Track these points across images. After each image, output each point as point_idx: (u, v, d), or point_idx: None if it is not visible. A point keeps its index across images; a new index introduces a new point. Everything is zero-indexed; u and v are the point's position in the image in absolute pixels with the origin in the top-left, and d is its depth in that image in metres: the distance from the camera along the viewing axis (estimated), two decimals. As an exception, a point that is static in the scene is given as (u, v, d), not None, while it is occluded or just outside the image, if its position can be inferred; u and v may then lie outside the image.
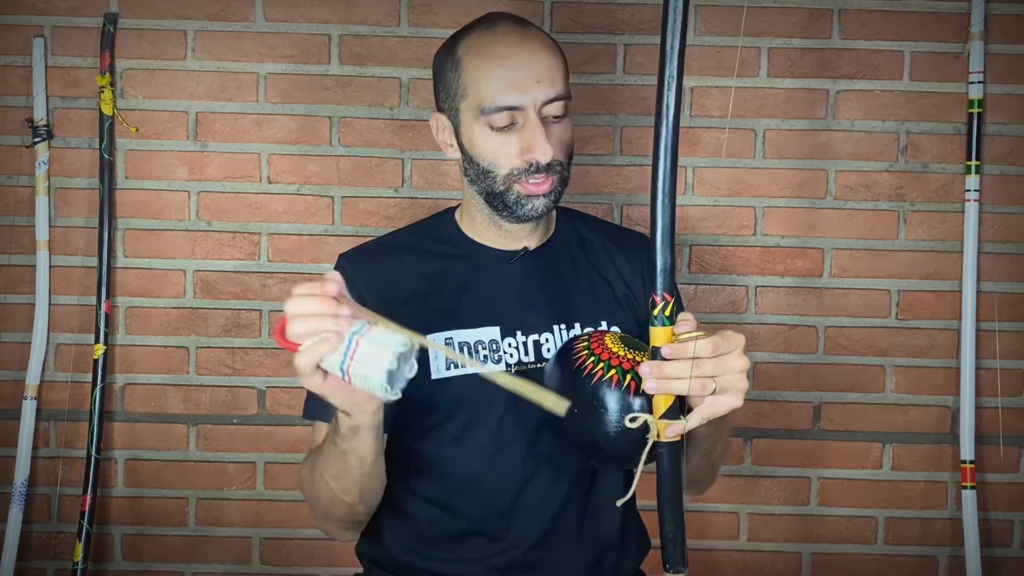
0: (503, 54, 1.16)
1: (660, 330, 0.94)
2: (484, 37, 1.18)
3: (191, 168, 1.77)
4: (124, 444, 1.81)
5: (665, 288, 0.93)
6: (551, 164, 1.16)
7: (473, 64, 1.17)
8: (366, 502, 1.15)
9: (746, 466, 1.82)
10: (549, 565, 1.23)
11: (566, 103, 1.18)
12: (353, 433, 1.02)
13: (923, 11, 1.75)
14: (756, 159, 1.78)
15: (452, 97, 1.20)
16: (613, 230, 1.41)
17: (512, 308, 1.24)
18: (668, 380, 0.93)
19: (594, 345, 1.06)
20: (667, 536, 0.98)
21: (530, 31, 1.19)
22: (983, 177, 1.75)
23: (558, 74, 1.17)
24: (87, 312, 1.78)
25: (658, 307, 0.93)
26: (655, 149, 0.92)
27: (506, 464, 1.22)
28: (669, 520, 0.97)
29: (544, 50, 1.17)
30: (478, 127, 1.17)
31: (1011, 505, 1.81)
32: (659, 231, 0.92)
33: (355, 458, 1.06)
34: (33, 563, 1.82)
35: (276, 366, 1.80)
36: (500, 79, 1.15)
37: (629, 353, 1.03)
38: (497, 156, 1.17)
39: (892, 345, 1.80)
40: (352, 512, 1.17)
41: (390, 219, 1.77)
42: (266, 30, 1.75)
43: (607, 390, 1.00)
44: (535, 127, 1.15)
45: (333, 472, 1.10)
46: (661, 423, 0.95)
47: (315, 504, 1.19)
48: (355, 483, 1.10)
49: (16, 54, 1.75)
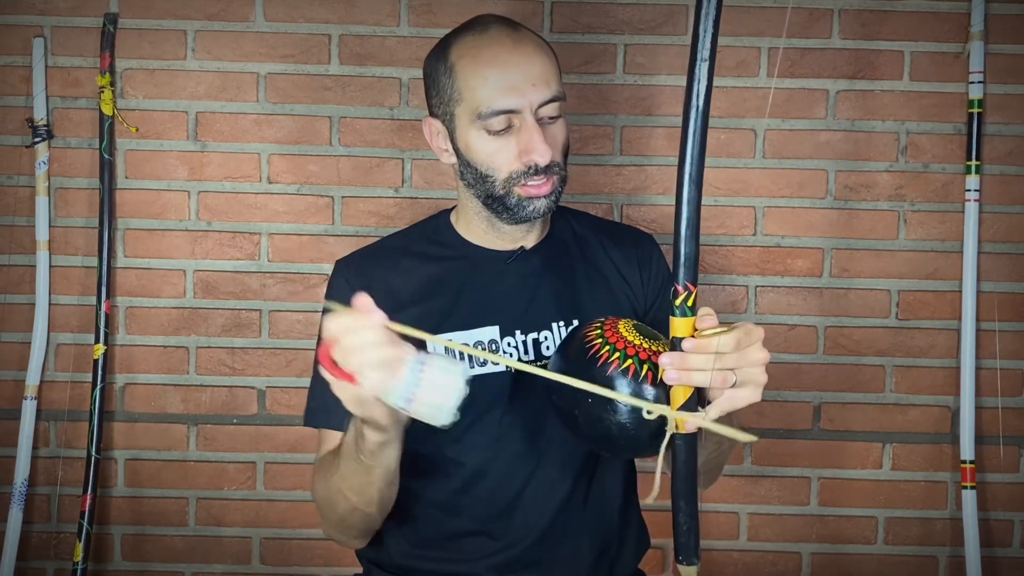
0: (497, 58, 1.15)
1: (681, 320, 0.92)
2: (477, 41, 1.17)
3: (191, 168, 1.77)
4: (124, 444, 1.81)
5: (688, 278, 0.92)
6: (550, 165, 1.17)
7: (467, 69, 1.16)
8: (384, 509, 1.16)
9: (746, 466, 1.82)
10: (549, 563, 1.23)
11: (560, 103, 1.18)
12: (381, 449, 1.02)
13: (923, 11, 1.75)
14: (756, 159, 1.78)
15: (446, 102, 1.19)
16: (607, 226, 1.41)
17: (510, 307, 1.24)
18: (689, 372, 0.92)
19: (608, 333, 1.03)
20: (681, 527, 0.96)
21: (522, 33, 1.19)
22: (983, 177, 1.75)
23: (552, 75, 1.17)
24: (87, 312, 1.78)
25: (680, 297, 0.92)
26: (683, 137, 0.91)
27: (507, 463, 1.22)
28: (684, 511, 0.96)
29: (538, 52, 1.17)
30: (474, 131, 1.17)
31: (1011, 505, 1.81)
32: (684, 221, 0.92)
33: (381, 471, 1.06)
34: (33, 563, 1.82)
35: (276, 366, 1.80)
36: (495, 83, 1.14)
37: (645, 342, 1.01)
38: (495, 160, 1.17)
39: (892, 345, 1.80)
40: (369, 520, 1.17)
41: (390, 219, 1.77)
42: (266, 30, 1.76)
43: (623, 380, 0.98)
44: (532, 130, 1.15)
45: (354, 487, 1.10)
46: (679, 415, 0.93)
47: (329, 515, 1.19)
48: (377, 493, 1.10)
49: (16, 54, 1.75)
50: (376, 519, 1.18)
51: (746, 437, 0.90)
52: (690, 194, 0.91)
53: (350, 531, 1.21)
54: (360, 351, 0.89)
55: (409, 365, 0.89)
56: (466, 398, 0.90)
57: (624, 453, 1.09)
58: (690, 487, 0.95)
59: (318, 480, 1.18)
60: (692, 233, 0.92)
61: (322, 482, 1.17)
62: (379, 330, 0.89)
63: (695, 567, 0.99)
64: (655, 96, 1.77)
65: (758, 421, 1.80)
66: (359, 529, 1.20)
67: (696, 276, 0.93)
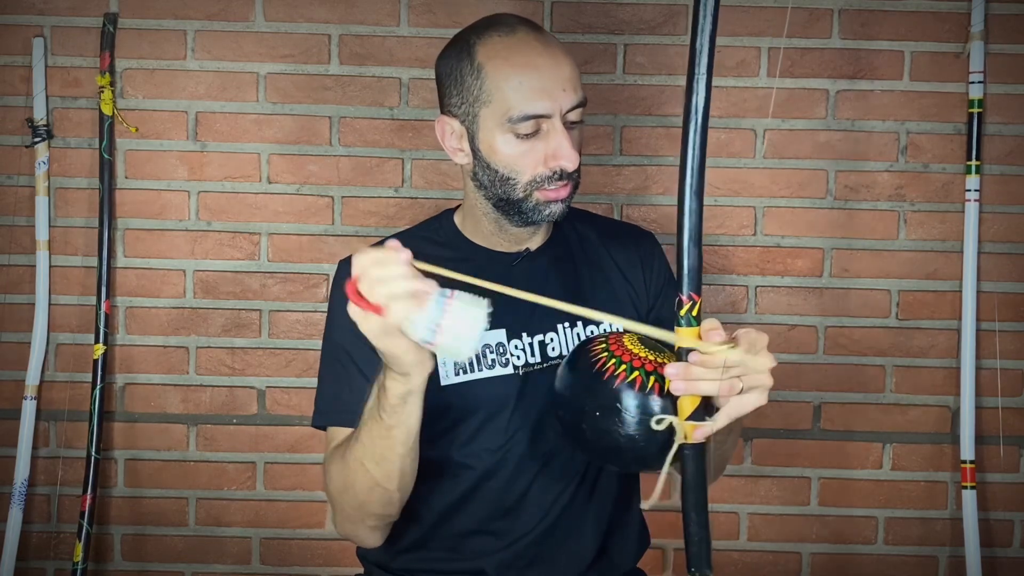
0: (531, 62, 1.14)
1: (686, 330, 0.93)
2: (506, 42, 1.16)
3: (191, 168, 1.77)
4: (124, 444, 1.81)
5: (691, 288, 0.92)
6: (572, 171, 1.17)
7: (498, 71, 1.15)
8: (403, 489, 1.12)
9: (746, 466, 1.82)
10: (551, 560, 1.24)
11: (583, 110, 1.18)
12: (403, 401, 1.01)
13: (923, 11, 1.75)
14: (756, 159, 1.78)
15: (471, 103, 1.18)
16: (609, 225, 1.41)
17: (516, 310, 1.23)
18: (696, 381, 0.92)
19: (613, 347, 1.04)
20: (692, 538, 0.96)
21: (547, 37, 1.19)
22: (983, 177, 1.75)
23: (578, 79, 1.17)
24: (87, 312, 1.78)
25: (685, 307, 0.92)
26: (683, 148, 0.91)
27: (514, 465, 1.22)
28: (695, 522, 0.95)
29: (565, 56, 1.17)
30: (501, 134, 1.16)
31: (1011, 505, 1.81)
32: (687, 231, 0.92)
33: (403, 431, 1.04)
34: (33, 563, 1.82)
35: (276, 366, 1.80)
36: (529, 87, 1.14)
37: (650, 354, 1.01)
38: (520, 163, 1.17)
39: (892, 345, 1.80)
40: (389, 502, 1.13)
41: (390, 219, 1.77)
42: (266, 30, 1.75)
43: (630, 392, 0.99)
44: (562, 135, 1.15)
45: (375, 455, 1.07)
46: (687, 425, 0.94)
47: (348, 500, 1.15)
48: (398, 461, 1.07)
49: (16, 54, 1.75)
50: (395, 501, 1.13)
51: None
52: (692, 205, 0.92)
53: (368, 519, 1.16)
54: (388, 283, 0.91)
55: (434, 298, 0.91)
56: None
57: (632, 466, 1.09)
58: (700, 498, 0.95)
59: (333, 466, 1.15)
60: (695, 244, 0.92)
61: (338, 464, 1.13)
62: (406, 265, 0.92)
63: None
64: (655, 96, 1.77)
65: (758, 421, 1.80)
66: (377, 516, 1.16)
67: (700, 286, 0.93)
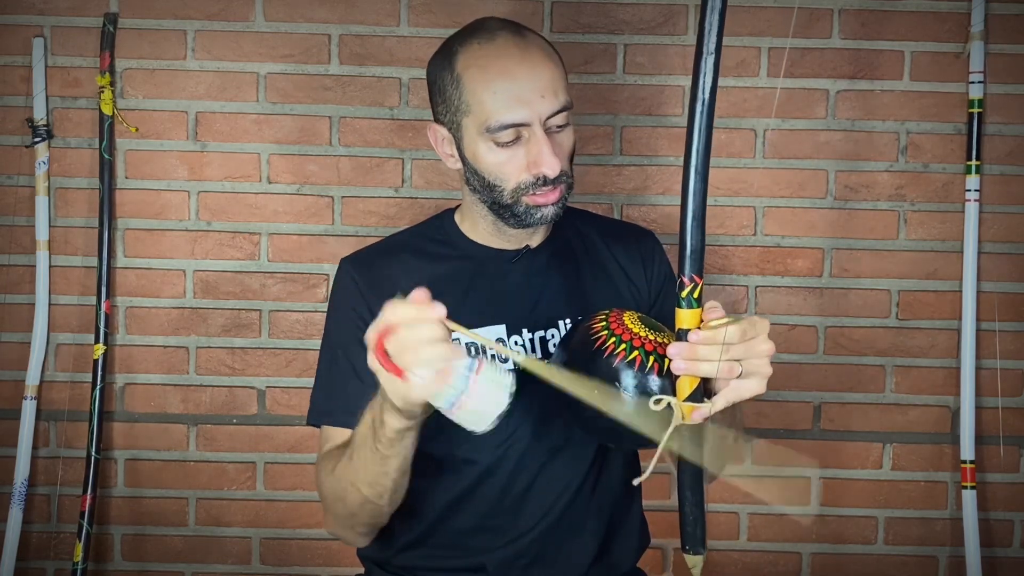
0: (505, 70, 1.14)
1: (687, 312, 0.93)
2: (484, 50, 1.16)
3: (191, 168, 1.77)
4: (124, 444, 1.81)
5: (693, 270, 0.92)
6: (558, 176, 1.16)
7: (475, 81, 1.15)
8: (395, 502, 1.14)
9: (746, 466, 1.82)
10: (553, 557, 1.24)
11: (568, 112, 1.17)
12: (401, 437, 1.01)
13: (923, 11, 1.75)
14: (756, 159, 1.78)
15: (453, 112, 1.18)
16: (610, 224, 1.41)
17: (517, 306, 1.24)
18: (697, 362, 0.92)
19: (613, 325, 1.03)
20: (687, 517, 0.97)
21: (529, 40, 1.17)
22: (983, 177, 1.75)
23: (560, 84, 1.16)
24: (87, 312, 1.78)
25: (686, 289, 0.92)
26: (688, 130, 0.91)
27: (517, 460, 1.22)
28: (689, 501, 0.96)
29: (545, 61, 1.16)
30: (483, 143, 1.16)
31: (1011, 505, 1.81)
32: (689, 213, 0.92)
33: (398, 460, 1.05)
34: (33, 563, 1.82)
35: (276, 366, 1.80)
36: (504, 96, 1.13)
37: (651, 334, 1.01)
38: (503, 171, 1.16)
39: (892, 345, 1.80)
40: (378, 514, 1.15)
41: (390, 219, 1.77)
42: (266, 30, 1.75)
43: (629, 372, 0.98)
44: (542, 142, 1.14)
45: (367, 479, 1.08)
46: (685, 406, 0.94)
47: (338, 510, 1.17)
48: (391, 483, 1.08)
49: (16, 54, 1.75)
50: (385, 512, 1.16)
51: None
52: (696, 186, 0.92)
53: (357, 527, 1.19)
54: (416, 348, 0.88)
55: (460, 372, 0.88)
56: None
57: (630, 444, 1.09)
58: (696, 477, 0.96)
59: (324, 475, 1.17)
60: (698, 225, 0.92)
61: (329, 476, 1.15)
62: (438, 327, 0.89)
63: (701, 556, 1.00)
64: (655, 96, 1.77)
65: (758, 421, 1.80)
66: (367, 524, 1.19)
67: (702, 268, 0.94)
